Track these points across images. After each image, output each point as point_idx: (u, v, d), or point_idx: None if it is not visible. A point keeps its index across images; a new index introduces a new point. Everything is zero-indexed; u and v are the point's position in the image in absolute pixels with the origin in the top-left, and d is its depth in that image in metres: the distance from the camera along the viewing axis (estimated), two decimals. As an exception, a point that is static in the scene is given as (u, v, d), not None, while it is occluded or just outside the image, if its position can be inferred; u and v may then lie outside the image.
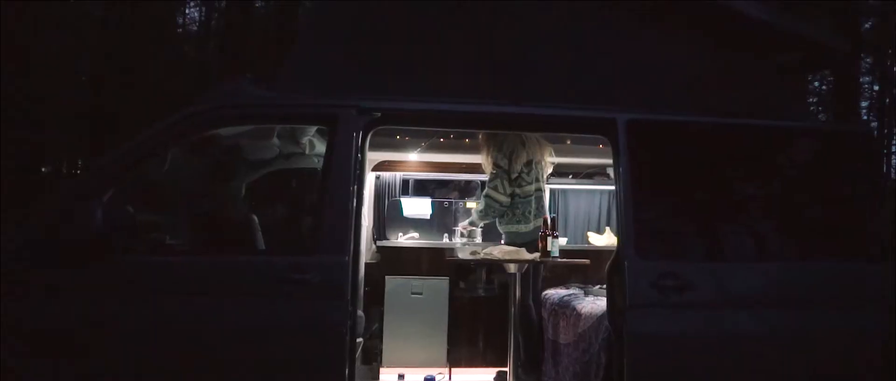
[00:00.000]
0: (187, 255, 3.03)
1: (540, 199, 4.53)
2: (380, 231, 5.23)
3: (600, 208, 5.61)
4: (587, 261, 4.28)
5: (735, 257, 3.14)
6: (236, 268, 2.78)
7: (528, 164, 4.44)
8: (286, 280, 2.71)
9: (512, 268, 4.14)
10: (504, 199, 4.37)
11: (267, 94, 3.05)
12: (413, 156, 4.91)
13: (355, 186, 2.84)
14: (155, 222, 3.22)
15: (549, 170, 4.68)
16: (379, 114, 2.95)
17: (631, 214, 2.97)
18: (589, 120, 3.14)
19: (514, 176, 4.39)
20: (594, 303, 3.89)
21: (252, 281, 2.74)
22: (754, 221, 3.23)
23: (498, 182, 4.36)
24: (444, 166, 5.19)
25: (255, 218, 3.53)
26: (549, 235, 4.11)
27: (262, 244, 3.53)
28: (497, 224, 4.56)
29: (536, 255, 4.09)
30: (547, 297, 4.59)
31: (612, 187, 5.15)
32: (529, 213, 4.43)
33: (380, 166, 5.12)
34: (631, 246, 2.94)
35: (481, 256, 4.15)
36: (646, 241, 2.98)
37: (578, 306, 3.97)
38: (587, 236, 5.28)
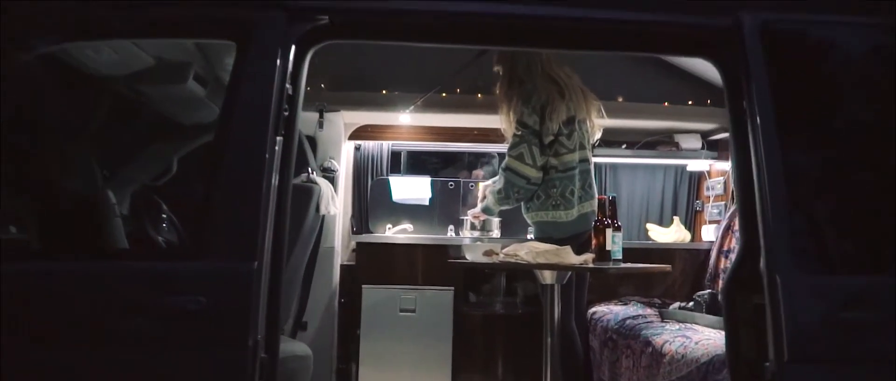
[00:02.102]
0: None
1: (587, 173, 3.22)
2: (360, 222, 4.33)
3: (664, 190, 4.41)
4: (668, 267, 2.91)
5: None
6: (51, 287, 1.68)
7: (570, 122, 3.13)
8: (147, 307, 1.67)
9: (548, 277, 2.78)
10: (533, 173, 3.06)
11: None
12: (405, 117, 4.01)
13: (280, 143, 1.85)
14: None
15: (598, 134, 3.40)
16: (324, 19, 1.96)
17: (780, 192, 1.78)
18: (683, 28, 1.99)
19: (548, 140, 3.09)
20: (684, 336, 2.49)
21: (84, 311, 1.67)
22: None
23: (524, 148, 3.06)
24: (448, 133, 4.28)
25: (112, 196, 2.17)
26: (607, 226, 2.68)
27: (121, 241, 2.19)
28: (523, 211, 3.27)
29: (588, 256, 2.68)
30: (597, 317, 3.31)
31: (682, 161, 4.18)
32: (572, 194, 3.10)
33: (360, 133, 4.25)
34: (783, 249, 1.74)
35: (501, 258, 2.85)
36: (813, 242, 1.80)
37: (656, 340, 2.59)
38: (646, 230, 4.19)
